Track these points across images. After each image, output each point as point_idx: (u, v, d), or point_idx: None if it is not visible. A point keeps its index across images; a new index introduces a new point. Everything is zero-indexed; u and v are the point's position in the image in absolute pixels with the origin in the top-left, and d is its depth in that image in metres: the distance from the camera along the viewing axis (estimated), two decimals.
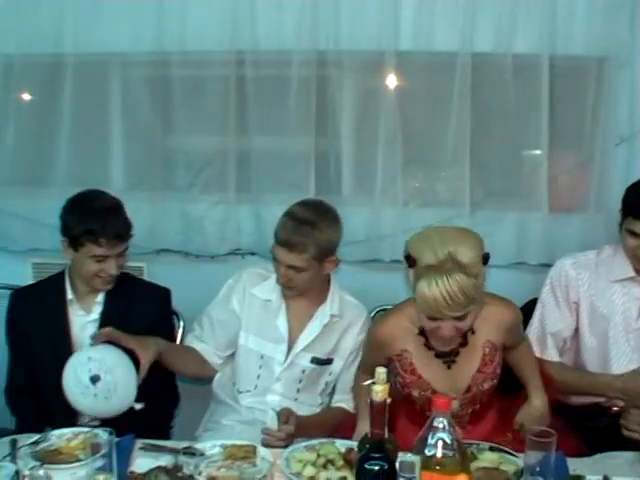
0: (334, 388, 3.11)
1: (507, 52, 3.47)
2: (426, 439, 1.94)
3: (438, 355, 2.68)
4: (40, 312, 3.00)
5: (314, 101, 3.56)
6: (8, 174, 3.77)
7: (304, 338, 3.02)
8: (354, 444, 2.47)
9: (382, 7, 3.47)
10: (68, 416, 2.89)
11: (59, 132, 3.68)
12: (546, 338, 3.07)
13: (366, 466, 1.91)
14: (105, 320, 2.98)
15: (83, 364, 2.70)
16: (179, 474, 2.30)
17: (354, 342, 3.03)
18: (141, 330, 2.97)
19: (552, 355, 3.07)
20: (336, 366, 3.06)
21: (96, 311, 3.01)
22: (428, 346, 2.67)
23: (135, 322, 2.98)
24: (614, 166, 3.53)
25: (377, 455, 1.91)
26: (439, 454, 1.93)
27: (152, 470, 2.30)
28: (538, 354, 2.99)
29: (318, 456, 2.44)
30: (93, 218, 2.83)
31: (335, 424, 2.93)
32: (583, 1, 3.44)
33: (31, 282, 3.53)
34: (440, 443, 1.93)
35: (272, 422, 2.82)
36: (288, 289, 2.97)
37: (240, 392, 3.05)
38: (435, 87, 3.54)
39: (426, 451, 1.93)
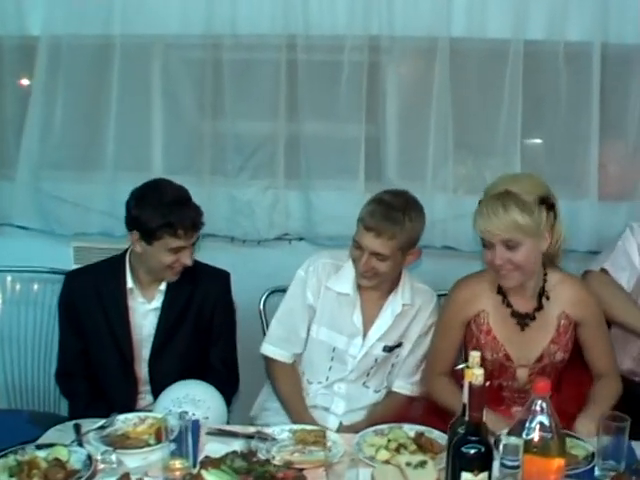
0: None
1: (559, 40, 3.45)
2: (525, 422, 1.93)
3: (514, 314, 2.77)
4: (98, 296, 2.94)
5: (365, 87, 3.54)
6: (55, 157, 3.72)
7: (377, 330, 2.97)
8: (423, 429, 2.50)
9: None
10: (127, 400, 2.90)
11: (106, 115, 3.63)
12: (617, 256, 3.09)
13: (463, 449, 1.90)
14: (167, 309, 2.96)
15: None
16: (254, 459, 2.28)
17: (423, 325, 3.00)
18: (202, 314, 2.98)
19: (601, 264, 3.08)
20: (404, 349, 3.02)
21: (158, 299, 2.97)
22: (507, 303, 2.78)
23: (196, 307, 2.98)
24: None
25: (474, 438, 1.90)
26: (537, 437, 1.92)
27: (227, 455, 2.28)
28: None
29: (388, 441, 2.44)
30: (169, 211, 2.77)
31: (396, 410, 2.91)
32: None
33: (73, 266, 3.52)
34: (539, 426, 1.93)
35: None
36: (367, 279, 2.88)
37: (310, 383, 3.03)
38: (487, 74, 3.52)
39: (524, 434, 1.93)
